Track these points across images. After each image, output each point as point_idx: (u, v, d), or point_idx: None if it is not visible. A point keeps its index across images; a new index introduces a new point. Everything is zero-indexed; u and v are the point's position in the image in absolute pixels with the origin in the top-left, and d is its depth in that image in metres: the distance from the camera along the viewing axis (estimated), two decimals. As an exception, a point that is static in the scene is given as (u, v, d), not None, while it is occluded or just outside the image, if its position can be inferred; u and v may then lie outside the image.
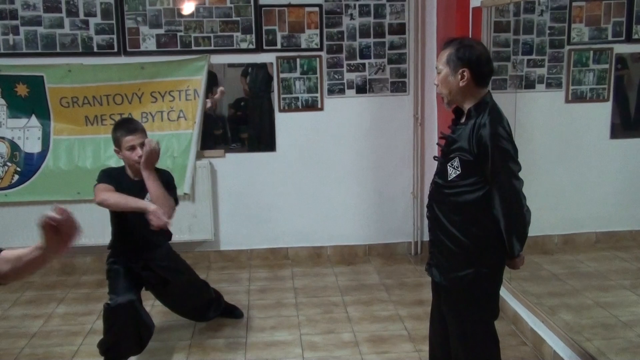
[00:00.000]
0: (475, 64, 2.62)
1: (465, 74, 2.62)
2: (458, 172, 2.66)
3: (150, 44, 5.14)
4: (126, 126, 3.66)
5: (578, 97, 4.47)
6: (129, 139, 3.57)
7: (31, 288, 4.96)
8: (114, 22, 5.09)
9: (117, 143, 3.62)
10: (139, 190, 3.58)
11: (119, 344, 3.54)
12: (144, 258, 3.72)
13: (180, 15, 5.13)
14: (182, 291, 3.94)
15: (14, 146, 5.10)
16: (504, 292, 4.03)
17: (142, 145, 3.57)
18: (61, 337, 4.11)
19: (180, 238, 5.23)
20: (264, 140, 5.39)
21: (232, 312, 4.33)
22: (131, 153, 3.57)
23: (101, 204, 3.54)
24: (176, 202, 3.73)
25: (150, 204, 3.46)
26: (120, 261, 3.70)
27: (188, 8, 5.12)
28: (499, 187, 2.59)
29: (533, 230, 2.72)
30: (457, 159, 2.66)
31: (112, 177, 3.66)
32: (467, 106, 2.68)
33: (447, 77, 2.67)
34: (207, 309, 4.16)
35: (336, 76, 5.30)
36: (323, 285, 4.93)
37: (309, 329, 4.16)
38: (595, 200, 4.44)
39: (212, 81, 5.24)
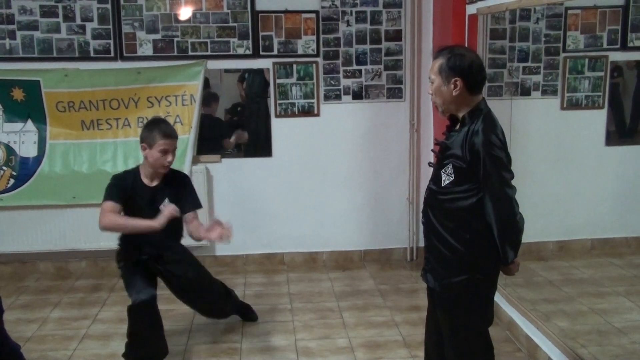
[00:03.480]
0: (468, 73, 2.62)
1: (457, 83, 2.62)
2: (451, 179, 2.66)
3: (147, 49, 5.14)
4: (165, 128, 3.57)
5: (573, 105, 4.49)
6: (166, 142, 3.51)
7: (26, 292, 4.94)
8: (110, 27, 5.09)
9: (151, 141, 3.51)
10: (152, 197, 3.56)
11: (148, 346, 3.59)
12: (153, 256, 3.73)
13: (177, 21, 5.14)
14: (194, 284, 3.87)
15: (9, 150, 5.10)
16: (498, 298, 4.03)
17: (174, 151, 3.58)
18: (56, 341, 4.10)
19: (176, 243, 5.24)
20: (260, 146, 5.40)
21: (247, 314, 4.33)
22: (162, 156, 3.52)
23: (104, 230, 3.49)
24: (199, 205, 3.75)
25: (154, 222, 3.40)
26: (130, 258, 3.69)
27: (185, 14, 5.13)
28: (491, 195, 2.58)
29: (528, 237, 2.73)
30: (450, 166, 2.66)
31: (123, 185, 3.60)
32: (461, 114, 2.69)
33: (440, 87, 2.68)
34: (224, 302, 4.11)
35: (332, 82, 5.32)
36: (318, 291, 4.93)
37: (304, 335, 4.16)
38: (591, 207, 4.45)
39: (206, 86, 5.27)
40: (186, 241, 5.27)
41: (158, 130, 3.53)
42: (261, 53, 5.23)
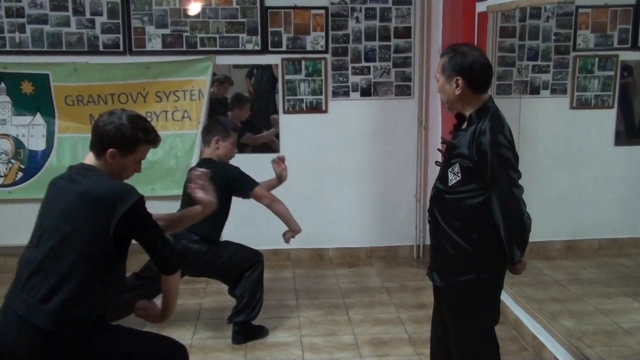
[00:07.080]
0: (468, 72, 2.60)
1: (459, 82, 2.60)
2: (458, 178, 2.65)
3: (156, 44, 5.15)
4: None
5: (583, 104, 4.47)
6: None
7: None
8: (120, 21, 5.10)
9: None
10: None
11: None
12: None
13: (186, 16, 5.14)
14: None
15: (18, 143, 5.12)
16: (505, 297, 4.03)
17: None
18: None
19: (183, 238, 5.24)
20: (268, 142, 5.40)
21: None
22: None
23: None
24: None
25: None
26: None
27: (194, 8, 5.13)
28: (499, 194, 2.57)
29: (535, 236, 2.72)
30: (457, 165, 2.65)
31: None
32: (468, 112, 2.67)
33: (444, 85, 2.67)
34: None
35: (341, 79, 5.31)
36: (324, 288, 4.93)
37: (309, 331, 4.16)
38: (599, 207, 4.43)
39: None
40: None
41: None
42: (270, 49, 5.23)
